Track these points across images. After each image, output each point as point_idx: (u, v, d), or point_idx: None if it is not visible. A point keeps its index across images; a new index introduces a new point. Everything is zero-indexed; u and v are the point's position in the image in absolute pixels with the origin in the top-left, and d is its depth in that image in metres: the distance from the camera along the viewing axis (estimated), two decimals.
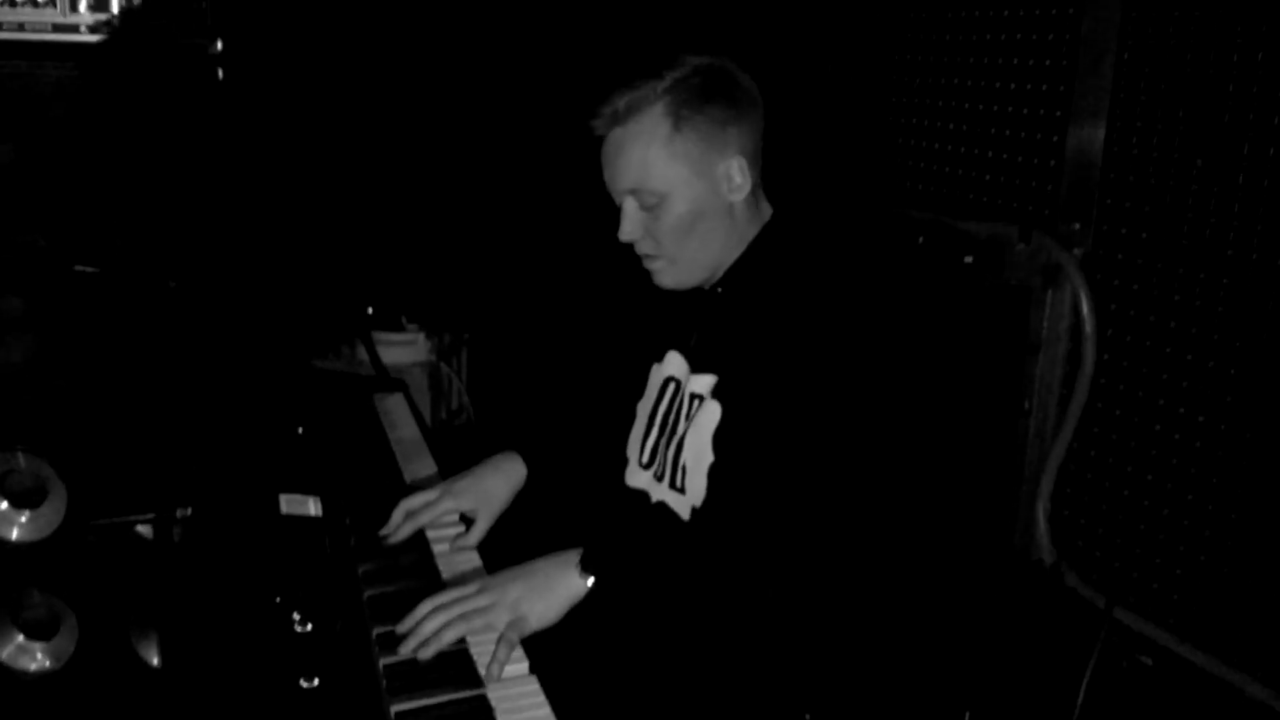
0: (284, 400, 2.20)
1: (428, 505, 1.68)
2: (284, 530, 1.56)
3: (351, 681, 1.28)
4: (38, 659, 2.49)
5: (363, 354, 3.12)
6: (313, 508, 1.64)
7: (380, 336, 3.18)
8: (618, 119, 1.55)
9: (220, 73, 2.59)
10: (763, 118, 1.62)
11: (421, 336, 3.30)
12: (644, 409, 1.76)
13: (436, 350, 3.34)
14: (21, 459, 2.42)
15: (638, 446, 1.76)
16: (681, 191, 1.55)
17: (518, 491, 1.76)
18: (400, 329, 3.27)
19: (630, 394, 1.80)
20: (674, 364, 1.72)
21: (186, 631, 1.46)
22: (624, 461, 1.78)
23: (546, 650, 1.38)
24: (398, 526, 1.65)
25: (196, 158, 2.62)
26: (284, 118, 2.93)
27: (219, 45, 2.62)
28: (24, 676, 2.48)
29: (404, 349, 3.27)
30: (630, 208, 1.59)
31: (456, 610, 1.38)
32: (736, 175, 1.58)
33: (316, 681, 1.22)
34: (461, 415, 3.39)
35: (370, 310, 3.23)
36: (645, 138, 1.54)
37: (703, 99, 1.55)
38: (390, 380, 2.65)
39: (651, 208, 1.57)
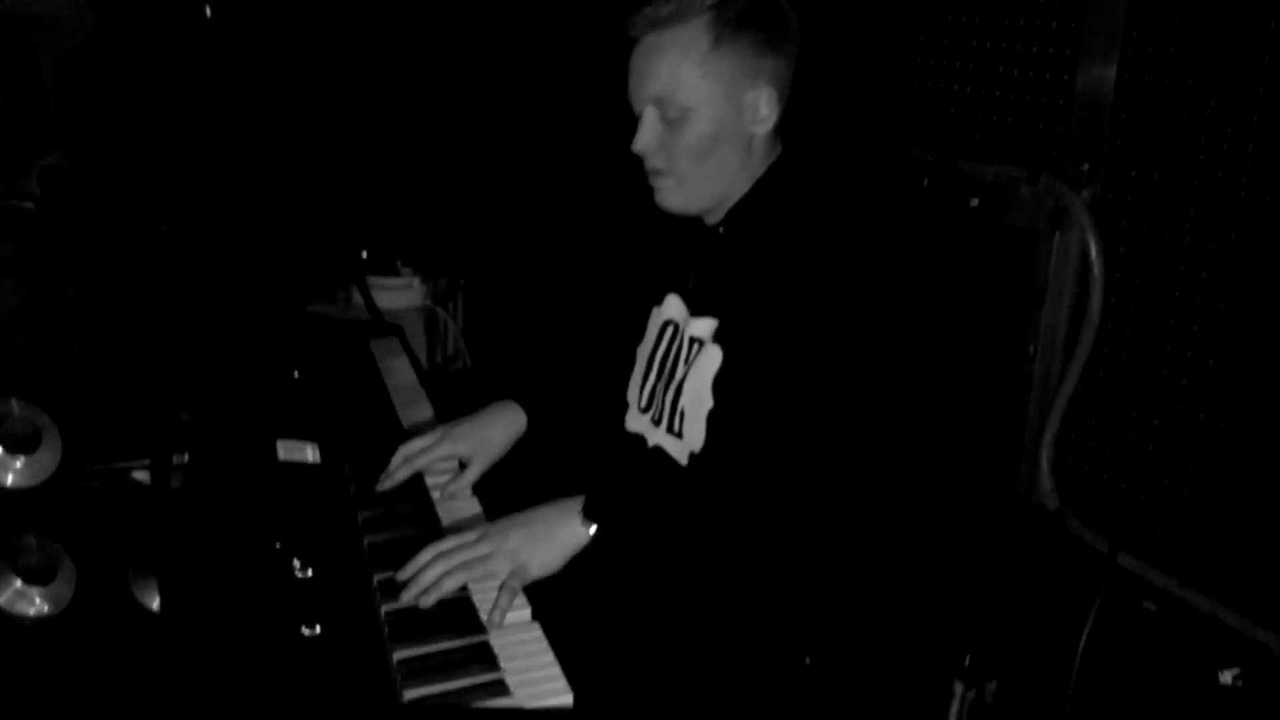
0: (279, 345, 2.17)
1: (425, 449, 1.66)
2: (282, 476, 1.54)
3: (353, 628, 1.27)
4: (36, 604, 2.50)
5: (357, 299, 3.09)
6: (310, 454, 1.62)
7: (375, 281, 3.14)
8: (658, 23, 1.52)
9: (208, 11, 2.53)
10: (796, 58, 1.58)
11: (417, 281, 3.26)
12: (643, 353, 1.75)
13: (432, 295, 3.30)
14: (16, 405, 2.41)
15: (637, 391, 1.74)
16: (707, 111, 1.52)
17: (517, 439, 1.74)
18: (395, 273, 3.24)
19: (629, 338, 1.78)
20: (673, 307, 1.69)
21: (185, 578, 1.45)
22: (624, 406, 1.77)
23: (549, 597, 1.37)
24: (395, 470, 1.63)
25: (187, 99, 2.57)
26: (277, 57, 2.87)
27: None
28: (23, 621, 2.49)
29: (399, 293, 3.23)
30: (651, 118, 1.55)
31: (458, 558, 1.37)
32: (764, 107, 1.55)
33: (318, 628, 1.21)
34: (457, 360, 3.36)
35: (365, 254, 3.19)
36: (682, 49, 1.50)
37: (747, 22, 1.51)
38: (386, 325, 2.62)
39: (672, 121, 1.53)
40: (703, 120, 1.52)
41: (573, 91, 3.03)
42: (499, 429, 1.73)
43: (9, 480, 2.42)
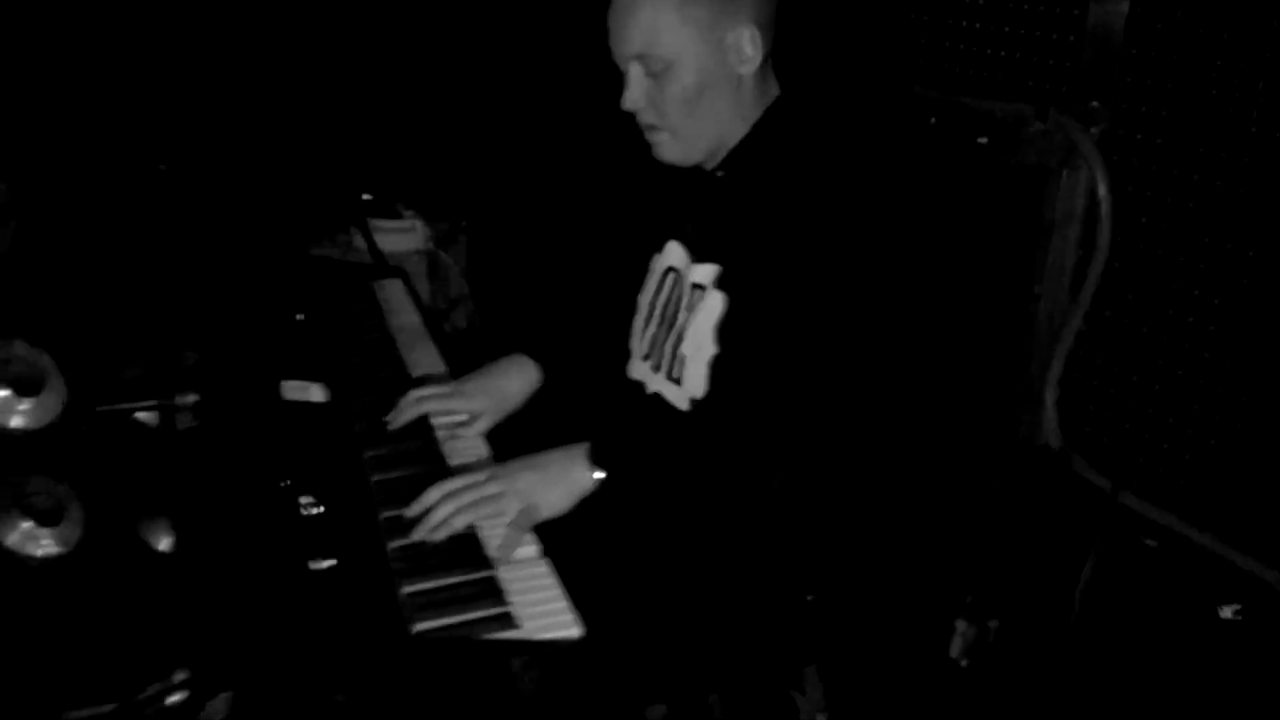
0: (282, 287, 2.16)
1: (436, 397, 1.67)
2: (288, 416, 1.55)
3: (362, 563, 1.28)
4: (44, 545, 2.51)
5: (359, 242, 3.07)
6: (316, 394, 1.62)
7: (377, 224, 3.12)
8: None
9: None
10: None
11: (419, 223, 3.24)
12: (644, 300, 1.73)
13: (434, 238, 3.28)
14: (19, 347, 2.40)
15: (638, 338, 1.73)
16: (689, 60, 1.50)
17: (530, 395, 1.75)
18: (398, 216, 3.21)
19: (631, 285, 1.76)
20: (674, 253, 1.68)
21: (194, 517, 1.46)
22: (625, 354, 1.76)
23: (557, 537, 1.38)
24: (404, 410, 1.63)
25: (187, 37, 2.54)
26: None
27: None
28: (31, 562, 2.51)
29: (401, 236, 3.21)
30: (635, 74, 1.53)
31: (467, 497, 1.38)
32: (747, 46, 1.52)
33: (326, 562, 1.22)
34: (460, 304, 3.35)
35: (367, 196, 3.17)
36: (654, 2, 1.48)
37: None
38: (388, 268, 2.61)
39: (657, 75, 1.51)
40: (687, 70, 1.50)
41: (576, 33, 2.99)
42: (511, 382, 1.74)
43: (14, 422, 2.41)
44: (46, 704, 1.32)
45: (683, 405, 1.61)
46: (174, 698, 1.14)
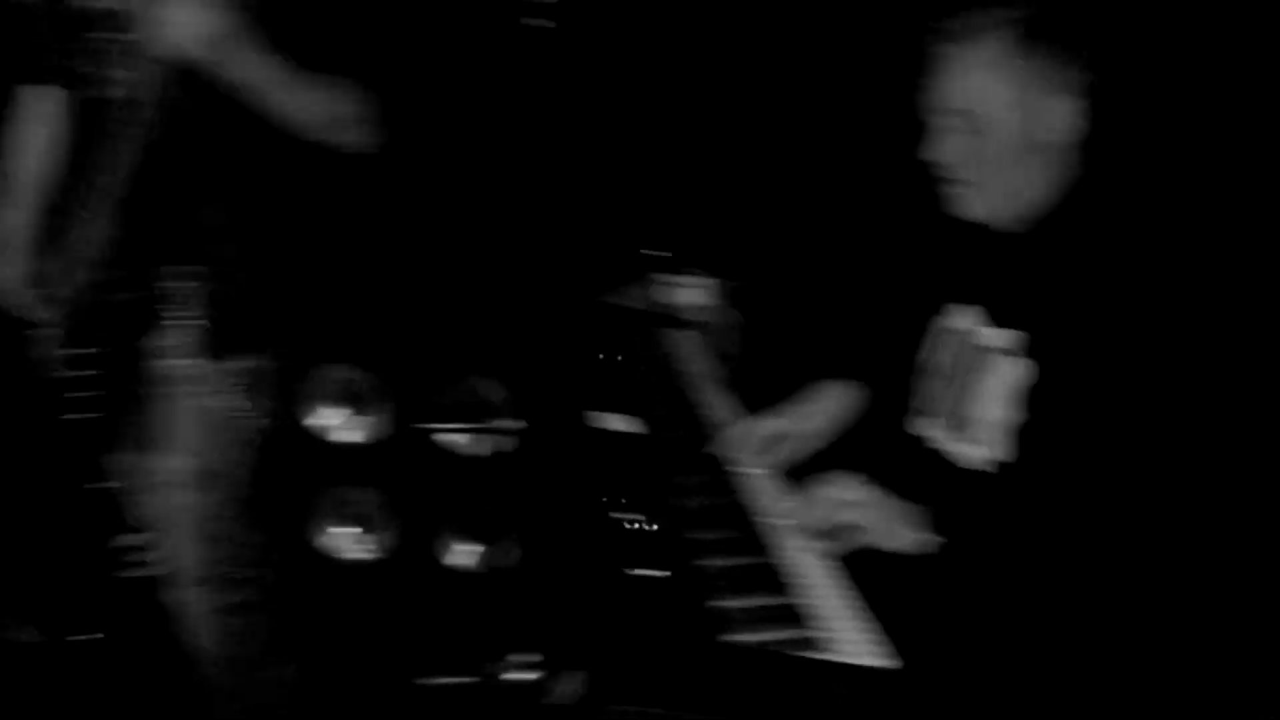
0: (587, 328, 2.33)
1: (749, 429, 1.78)
2: (605, 443, 1.67)
3: (680, 576, 1.36)
4: (360, 550, 2.78)
5: (650, 293, 3.22)
6: (626, 425, 1.74)
7: (667, 278, 3.26)
8: (961, 35, 1.55)
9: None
10: (1097, 65, 1.58)
11: (705, 280, 3.36)
12: (933, 357, 1.75)
13: (719, 294, 3.39)
14: (354, 369, 2.69)
15: (925, 396, 1.75)
16: (1010, 120, 1.54)
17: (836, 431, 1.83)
18: (685, 271, 3.35)
19: (918, 341, 1.79)
20: (965, 314, 1.69)
21: (521, 530, 1.60)
22: (909, 410, 1.78)
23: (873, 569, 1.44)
24: (717, 441, 1.75)
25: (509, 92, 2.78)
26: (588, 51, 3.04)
27: None
28: (348, 565, 2.78)
29: (688, 291, 3.33)
30: (950, 126, 1.58)
31: (799, 518, 1.48)
32: (1064, 115, 1.55)
33: (648, 573, 1.32)
34: (741, 359, 3.44)
35: (658, 253, 3.32)
36: (986, 60, 1.53)
37: (1044, 32, 1.53)
38: (678, 320, 2.75)
39: (976, 131, 1.56)
40: (1006, 129, 1.53)
41: (856, 90, 3.05)
42: (822, 414, 1.82)
43: (343, 437, 2.70)
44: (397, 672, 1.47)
45: (975, 466, 1.61)
46: (523, 675, 1.25)
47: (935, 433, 1.70)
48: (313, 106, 1.83)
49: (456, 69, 2.81)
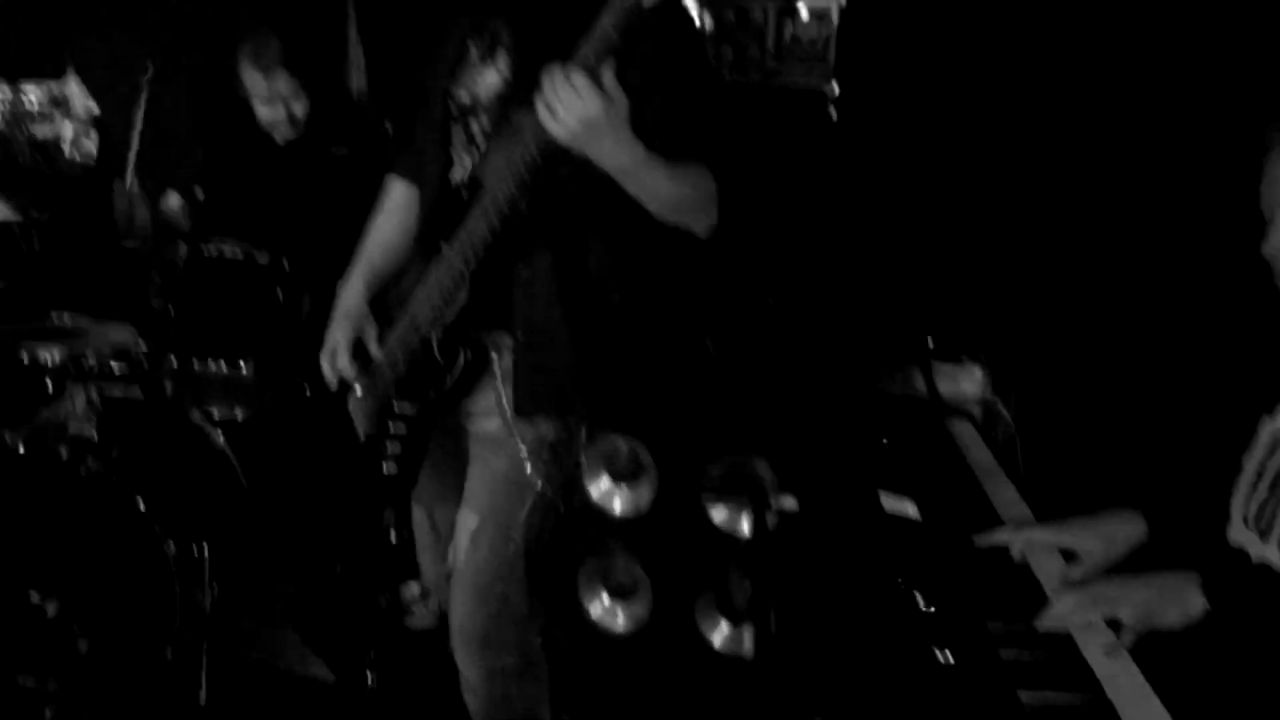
0: (864, 411, 2.30)
1: (1041, 530, 1.71)
2: (887, 525, 1.64)
3: (977, 661, 1.35)
4: (618, 619, 2.81)
5: (919, 381, 3.16)
6: (910, 509, 1.70)
7: (939, 366, 3.19)
8: None
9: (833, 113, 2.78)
10: None
11: (977, 369, 3.26)
12: (1251, 462, 1.63)
13: (991, 384, 3.28)
14: (622, 442, 2.76)
15: (1243, 502, 1.63)
16: None
17: (1134, 547, 1.73)
18: (957, 360, 3.27)
19: (1237, 445, 1.67)
20: None
21: (796, 605, 1.59)
22: (1226, 516, 1.66)
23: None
24: (1004, 535, 1.69)
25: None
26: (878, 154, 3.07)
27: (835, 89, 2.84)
28: (605, 632, 2.82)
29: (958, 381, 3.25)
30: None
31: (1088, 598, 1.46)
32: None
33: (946, 655, 1.29)
34: (1014, 451, 3.30)
35: (931, 341, 3.26)
36: None
37: None
38: (951, 408, 2.67)
39: None
40: None
41: (1176, 182, 2.92)
42: (1121, 532, 1.73)
43: (614, 507, 2.75)
44: None
45: None
46: None
47: (1255, 542, 1.59)
48: (653, 195, 1.87)
49: (748, 156, 2.88)
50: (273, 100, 3.22)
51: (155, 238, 3.19)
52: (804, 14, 3.07)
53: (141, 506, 2.67)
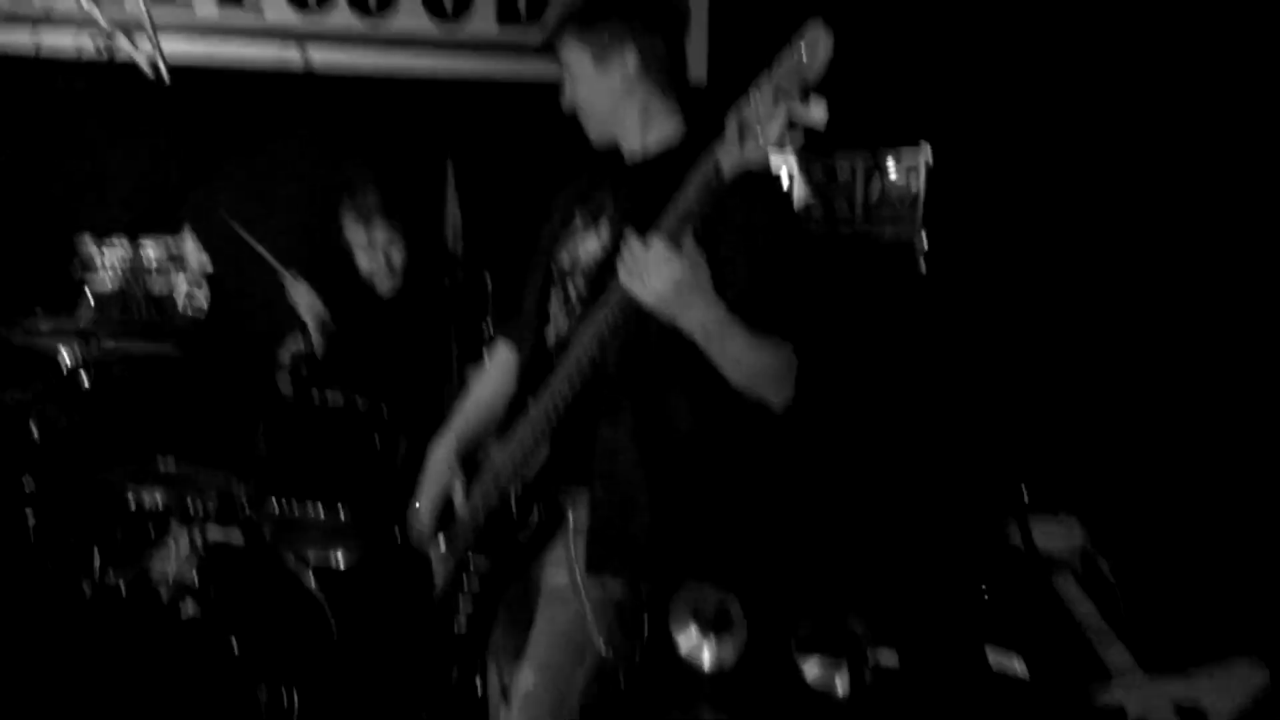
0: (964, 565, 2.25)
1: (1150, 689, 1.68)
2: (994, 682, 1.59)
3: None
4: None
5: (1015, 535, 3.09)
6: (1018, 666, 1.65)
7: (1034, 518, 3.12)
8: None
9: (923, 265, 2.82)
10: None
11: (1075, 522, 3.18)
12: None
13: (1089, 539, 3.19)
14: (710, 591, 2.72)
15: None
16: None
17: (1258, 698, 1.66)
18: (1054, 514, 3.19)
19: None
20: None
21: None
22: None
23: None
24: (1120, 691, 1.62)
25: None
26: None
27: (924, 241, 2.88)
28: None
29: (1056, 535, 3.17)
30: None
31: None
32: None
33: None
34: (1115, 606, 3.19)
35: (1025, 494, 3.20)
36: None
37: None
38: (1048, 562, 2.61)
39: None
40: None
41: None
42: (1242, 684, 1.69)
43: (703, 660, 2.70)
44: None
45: None
46: None
47: None
48: (734, 360, 1.89)
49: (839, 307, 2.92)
50: (373, 248, 3.39)
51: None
52: (892, 172, 3.14)
53: (236, 650, 2.69)
